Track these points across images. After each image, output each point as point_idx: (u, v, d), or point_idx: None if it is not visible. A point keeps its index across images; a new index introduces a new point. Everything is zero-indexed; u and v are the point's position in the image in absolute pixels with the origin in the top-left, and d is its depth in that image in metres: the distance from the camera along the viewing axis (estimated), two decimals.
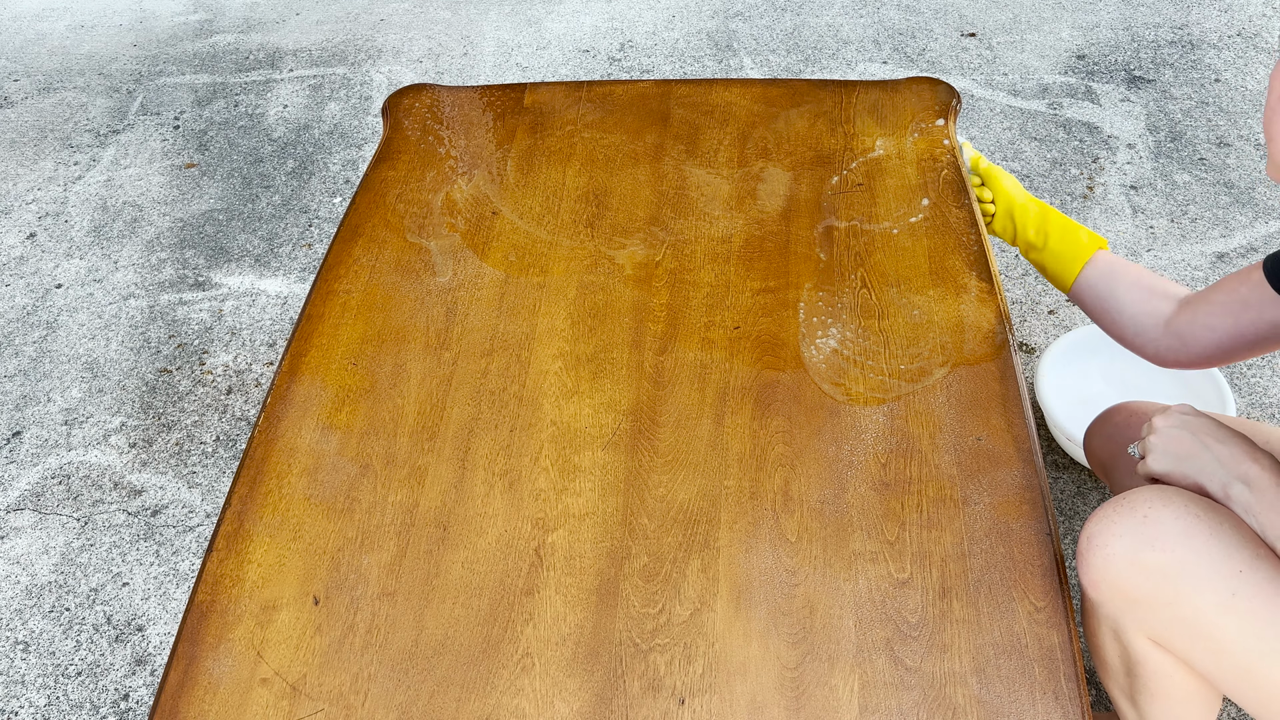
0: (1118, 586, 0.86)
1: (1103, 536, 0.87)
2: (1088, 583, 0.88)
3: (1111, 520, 0.87)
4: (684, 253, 1.23)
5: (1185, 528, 0.84)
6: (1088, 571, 0.88)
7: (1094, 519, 0.89)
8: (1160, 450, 0.93)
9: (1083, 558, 0.88)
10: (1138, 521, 0.85)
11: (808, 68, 2.46)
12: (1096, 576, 0.87)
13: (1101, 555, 0.86)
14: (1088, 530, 0.88)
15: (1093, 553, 0.87)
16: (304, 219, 2.14)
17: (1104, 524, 0.87)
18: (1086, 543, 0.88)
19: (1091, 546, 0.87)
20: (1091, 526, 0.88)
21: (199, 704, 0.86)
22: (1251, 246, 1.89)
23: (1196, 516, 0.84)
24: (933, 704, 0.83)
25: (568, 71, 2.52)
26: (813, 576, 0.91)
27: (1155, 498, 0.87)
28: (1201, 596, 0.83)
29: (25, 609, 1.50)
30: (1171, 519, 0.84)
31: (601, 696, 0.85)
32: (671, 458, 1.01)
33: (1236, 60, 2.37)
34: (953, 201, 1.27)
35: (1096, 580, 0.87)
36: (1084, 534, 0.89)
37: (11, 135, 2.47)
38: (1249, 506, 0.85)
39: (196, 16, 2.90)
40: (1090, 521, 0.89)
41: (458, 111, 1.49)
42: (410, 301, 1.20)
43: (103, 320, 1.95)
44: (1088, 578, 0.88)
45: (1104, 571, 0.87)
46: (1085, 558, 0.88)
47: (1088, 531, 0.88)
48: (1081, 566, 0.89)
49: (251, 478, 1.03)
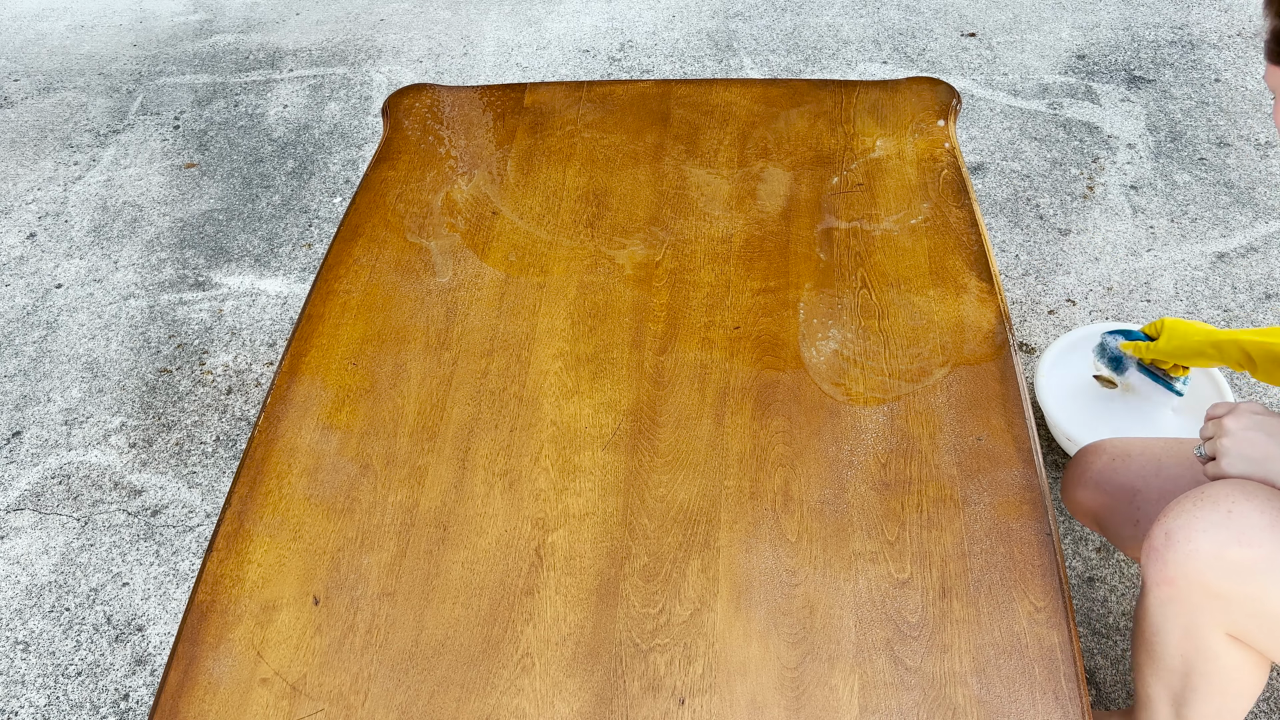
0: (1201, 582, 0.85)
1: (1185, 531, 0.85)
2: (1161, 579, 0.87)
3: (1193, 515, 0.85)
4: (684, 253, 1.23)
5: (1271, 521, 0.83)
6: (1164, 569, 0.86)
7: (1171, 514, 0.87)
8: (1235, 453, 0.91)
9: (1156, 554, 0.87)
10: (1222, 516, 0.84)
11: (808, 68, 2.46)
12: (1174, 572, 0.86)
13: (1184, 550, 0.85)
14: (1165, 526, 0.87)
15: (1172, 549, 0.86)
16: (304, 219, 2.14)
17: (1185, 519, 0.86)
18: (1164, 539, 0.86)
19: (1172, 543, 0.86)
20: (1170, 522, 0.86)
21: (199, 704, 0.86)
22: (1251, 246, 1.89)
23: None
24: (933, 704, 0.83)
25: (568, 71, 2.52)
26: (813, 576, 0.91)
27: (1237, 492, 0.85)
28: None
29: (25, 609, 1.50)
30: (1257, 513, 0.83)
31: (601, 696, 0.85)
32: (671, 458, 1.01)
33: (1236, 60, 2.37)
34: (953, 201, 1.27)
35: (1173, 576, 0.86)
36: (1159, 529, 0.87)
37: (11, 135, 2.47)
38: None
39: (196, 16, 2.90)
40: (1167, 517, 0.87)
41: (458, 111, 1.49)
42: (410, 301, 1.20)
43: (103, 320, 1.95)
44: (1163, 575, 0.86)
45: (1184, 567, 0.85)
46: (1162, 554, 0.86)
47: (1165, 527, 0.86)
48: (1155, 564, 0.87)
49: (251, 478, 1.03)
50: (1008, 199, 2.04)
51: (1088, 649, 1.34)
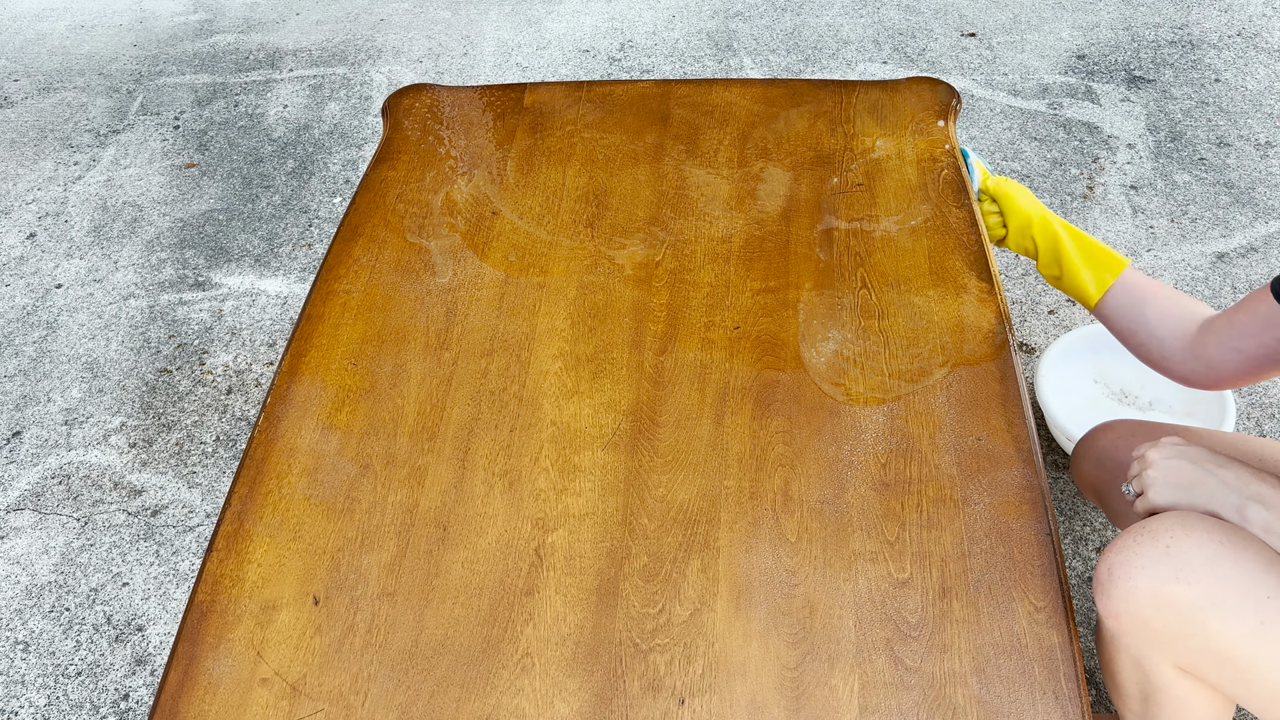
0: (1142, 619, 0.84)
1: (1124, 569, 0.84)
2: (1108, 614, 0.86)
3: (1132, 551, 0.84)
4: (684, 253, 1.23)
5: (1210, 555, 0.81)
6: (1108, 604, 0.85)
7: (1113, 550, 0.86)
8: (1160, 483, 0.90)
9: (1102, 589, 0.86)
10: (1160, 552, 0.83)
11: (808, 68, 2.46)
12: (1118, 608, 0.85)
13: (1124, 588, 0.84)
14: (1107, 562, 0.86)
15: (1114, 585, 0.85)
16: (304, 219, 2.14)
17: (1125, 555, 0.84)
18: (1107, 575, 0.85)
19: (1113, 579, 0.85)
20: (1112, 558, 0.85)
21: (199, 704, 0.86)
22: (1251, 246, 1.89)
23: (1220, 543, 0.82)
24: (933, 704, 0.83)
25: (568, 71, 2.52)
26: (813, 576, 0.91)
27: (1176, 526, 0.84)
28: (1230, 627, 0.80)
29: (25, 609, 1.50)
30: (1195, 548, 0.82)
31: (601, 696, 0.85)
32: (671, 458, 1.01)
33: (1236, 60, 2.37)
34: (953, 201, 1.27)
35: (1118, 612, 0.85)
36: (1103, 565, 0.86)
37: (11, 135, 2.47)
38: (1269, 525, 0.83)
39: (196, 16, 2.90)
40: (1109, 553, 0.86)
41: (458, 111, 1.49)
42: (410, 301, 1.20)
43: (103, 320, 1.95)
44: (1108, 609, 0.86)
45: (1126, 604, 0.84)
46: (1106, 590, 0.85)
47: (1107, 563, 0.85)
48: (1101, 598, 0.86)
49: (251, 478, 1.03)
50: None
51: (1088, 649, 1.34)
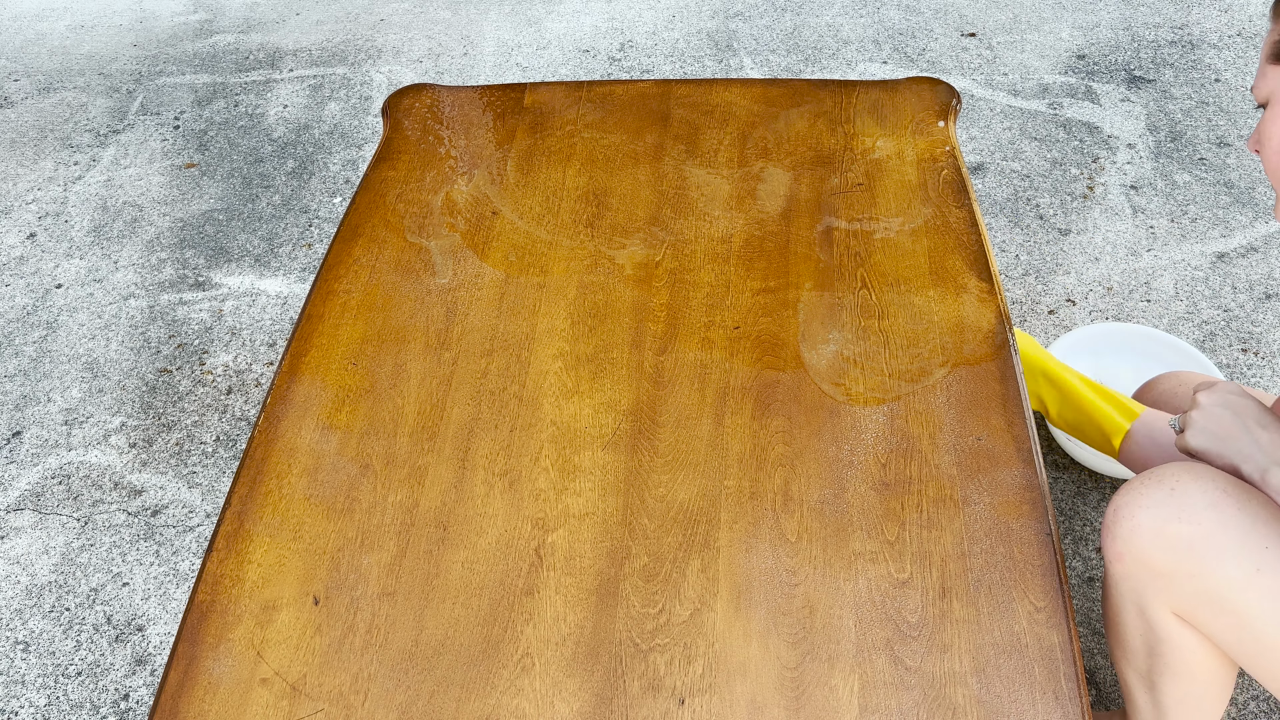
0: (1142, 558, 0.87)
1: (1129, 508, 0.87)
2: (1112, 555, 0.88)
3: (1138, 492, 0.87)
4: (684, 253, 1.23)
5: (1212, 500, 0.84)
6: (1113, 543, 0.88)
7: (1121, 491, 0.89)
8: (1200, 427, 0.92)
9: (1108, 529, 0.88)
10: (1165, 494, 0.86)
11: (808, 68, 2.46)
12: (1121, 548, 0.87)
13: (1128, 526, 0.87)
14: (1114, 503, 0.89)
15: (1119, 524, 0.87)
16: (304, 219, 2.14)
17: (1131, 495, 0.87)
18: (1113, 514, 0.88)
19: (1118, 518, 0.88)
20: (1118, 499, 0.88)
21: (199, 704, 0.86)
22: (1251, 246, 1.90)
23: (1224, 491, 0.84)
24: (933, 704, 0.83)
25: (568, 71, 2.52)
26: (813, 576, 0.91)
27: (1183, 472, 0.87)
28: (1225, 569, 0.83)
29: (25, 609, 1.50)
30: (1199, 492, 0.84)
31: (601, 696, 0.85)
32: (671, 458, 1.01)
33: (1236, 60, 2.37)
34: (953, 201, 1.27)
35: (1121, 552, 0.88)
36: (1110, 507, 0.89)
37: (11, 135, 2.47)
38: None
39: (196, 16, 2.90)
40: (1118, 494, 0.89)
41: (458, 111, 1.49)
42: (410, 301, 1.20)
43: (103, 320, 1.95)
44: (1112, 549, 0.88)
45: (1129, 543, 0.87)
46: (1110, 529, 0.88)
47: (1114, 504, 0.88)
48: (1106, 539, 0.89)
49: (251, 478, 1.03)
50: (1008, 199, 2.04)
51: (1088, 649, 1.34)
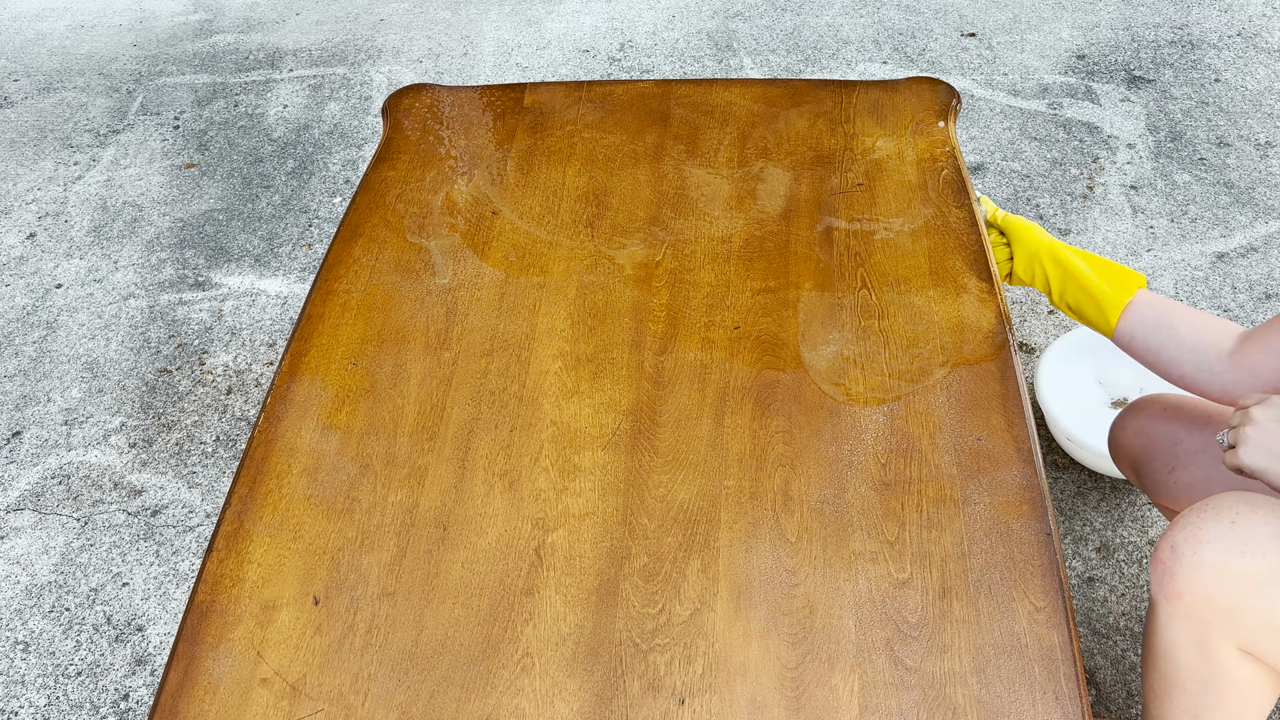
0: (1207, 596, 0.83)
1: (1190, 544, 0.83)
2: (1170, 594, 0.85)
3: (1196, 527, 0.83)
4: (684, 253, 1.23)
5: (1276, 531, 0.81)
6: (1172, 582, 0.84)
7: (1176, 527, 0.85)
8: (1254, 442, 0.86)
9: (1164, 568, 0.85)
10: (1225, 528, 0.82)
11: (808, 68, 2.46)
12: (1182, 587, 0.84)
13: (1189, 564, 0.83)
14: (1172, 539, 0.85)
15: (1178, 562, 0.84)
16: (304, 219, 2.14)
17: (1188, 531, 0.84)
18: (1170, 552, 0.84)
19: (1177, 556, 0.84)
20: (1175, 535, 0.84)
21: (199, 704, 0.86)
22: (1251, 246, 1.90)
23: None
24: (933, 704, 0.83)
25: (568, 71, 2.52)
26: (813, 576, 0.91)
27: (1240, 503, 0.83)
28: None
29: (25, 609, 1.50)
30: (1262, 523, 0.81)
31: (601, 696, 0.85)
32: (671, 458, 1.01)
33: (1236, 60, 2.37)
34: (953, 201, 1.27)
35: (1182, 591, 0.84)
36: (1165, 544, 0.85)
37: (11, 135, 2.47)
38: None
39: (196, 16, 2.90)
40: (1173, 529, 0.85)
41: (458, 111, 1.49)
42: (410, 301, 1.20)
43: (103, 320, 1.95)
44: (1171, 589, 0.85)
45: (1191, 581, 0.83)
46: (1169, 567, 0.84)
47: (1171, 540, 0.85)
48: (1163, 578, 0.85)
49: (251, 478, 1.03)
50: (1008, 199, 2.04)
51: (1088, 649, 1.34)
